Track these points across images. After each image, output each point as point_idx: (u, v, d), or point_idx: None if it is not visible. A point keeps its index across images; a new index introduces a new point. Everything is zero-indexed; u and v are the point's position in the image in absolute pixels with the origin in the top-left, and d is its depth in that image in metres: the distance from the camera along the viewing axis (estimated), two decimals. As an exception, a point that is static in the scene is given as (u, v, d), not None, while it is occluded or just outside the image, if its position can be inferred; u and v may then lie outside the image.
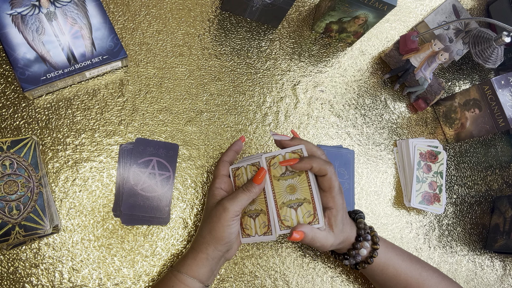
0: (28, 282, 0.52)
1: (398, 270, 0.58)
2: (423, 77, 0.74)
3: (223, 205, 0.51)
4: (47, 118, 0.58)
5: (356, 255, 0.57)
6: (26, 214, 0.50)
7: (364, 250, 0.56)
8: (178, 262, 0.53)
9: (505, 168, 0.84)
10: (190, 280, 0.51)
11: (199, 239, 0.53)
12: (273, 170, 0.50)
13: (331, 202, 0.52)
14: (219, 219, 0.51)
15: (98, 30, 0.59)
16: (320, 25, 0.74)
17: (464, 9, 0.86)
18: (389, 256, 0.59)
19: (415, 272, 0.59)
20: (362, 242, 0.57)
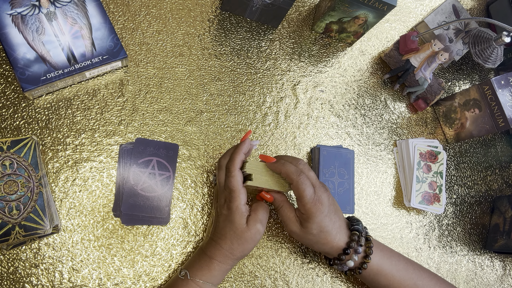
0: (28, 282, 0.52)
1: (390, 279, 0.58)
2: (423, 77, 0.74)
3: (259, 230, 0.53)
4: (47, 118, 0.58)
5: (343, 265, 0.57)
6: (26, 214, 0.50)
7: (351, 262, 0.56)
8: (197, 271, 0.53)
9: (505, 168, 0.84)
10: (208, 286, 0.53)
11: (225, 253, 0.53)
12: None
13: (302, 209, 0.54)
14: (254, 241, 0.53)
15: (98, 30, 0.59)
16: (320, 25, 0.74)
17: (464, 9, 0.86)
18: (383, 265, 0.58)
19: (410, 282, 0.58)
20: (349, 255, 0.56)
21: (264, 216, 0.55)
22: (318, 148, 0.68)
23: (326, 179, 0.66)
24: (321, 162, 0.67)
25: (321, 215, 0.53)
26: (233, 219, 0.53)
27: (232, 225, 0.53)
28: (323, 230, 0.54)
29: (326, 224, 0.54)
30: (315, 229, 0.54)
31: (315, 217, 0.53)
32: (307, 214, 0.53)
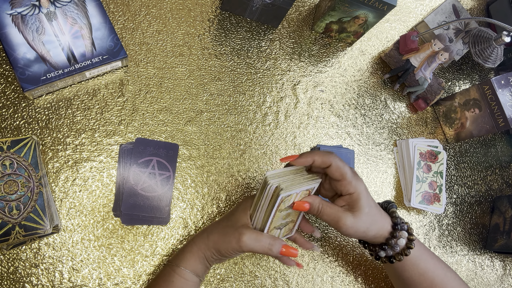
0: (28, 282, 0.52)
1: (427, 266, 0.56)
2: (423, 77, 0.74)
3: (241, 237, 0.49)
4: (47, 118, 0.58)
5: (395, 245, 0.54)
6: (26, 214, 0.50)
7: (403, 240, 0.54)
8: (176, 256, 0.53)
9: (505, 168, 0.84)
10: (189, 274, 0.51)
11: (204, 238, 0.53)
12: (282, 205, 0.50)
13: (350, 188, 0.50)
14: (230, 243, 0.50)
15: (98, 30, 0.59)
16: (320, 25, 0.74)
17: (464, 9, 0.86)
18: (422, 251, 0.56)
19: (441, 271, 0.56)
20: (400, 231, 0.54)
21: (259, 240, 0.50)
22: (318, 148, 0.68)
23: (326, 179, 0.66)
24: (321, 162, 0.67)
25: (365, 189, 0.52)
26: (234, 212, 0.54)
27: (230, 216, 0.54)
28: (372, 205, 0.52)
29: (371, 199, 0.53)
30: (367, 206, 0.51)
31: (362, 192, 0.51)
32: (356, 191, 0.50)
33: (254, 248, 0.50)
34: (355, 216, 0.51)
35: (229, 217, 0.54)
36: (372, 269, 0.68)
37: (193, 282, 0.52)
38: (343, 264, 0.67)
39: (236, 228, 0.51)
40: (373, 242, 0.56)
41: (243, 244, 0.49)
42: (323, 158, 0.50)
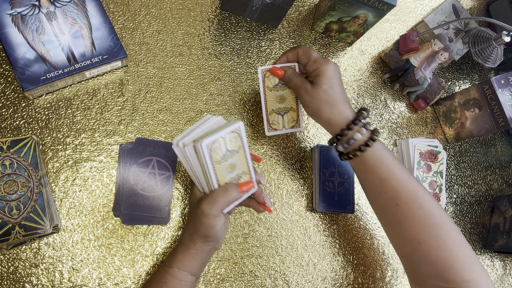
0: (28, 282, 0.52)
1: (390, 174, 0.53)
2: (423, 77, 0.74)
3: (201, 209, 0.49)
4: (47, 118, 0.58)
5: (350, 139, 0.54)
6: (26, 214, 0.50)
7: (359, 135, 0.53)
8: (168, 257, 0.53)
9: (505, 167, 0.84)
10: (183, 274, 0.51)
11: (186, 235, 0.52)
12: (267, 81, 0.60)
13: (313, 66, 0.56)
14: (201, 222, 0.49)
15: (98, 30, 0.59)
16: (320, 24, 0.74)
17: (464, 9, 0.86)
18: (386, 155, 0.54)
19: (410, 187, 0.53)
20: (357, 126, 0.54)
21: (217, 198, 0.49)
22: (318, 147, 0.68)
23: (326, 178, 0.66)
24: (321, 161, 0.67)
25: (331, 69, 0.54)
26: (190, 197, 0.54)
27: (189, 204, 0.54)
28: (332, 86, 0.54)
29: (336, 83, 0.55)
30: (326, 84, 0.54)
31: (325, 70, 0.54)
32: (318, 67, 0.55)
33: (219, 207, 0.49)
34: (313, 87, 0.55)
35: (189, 204, 0.54)
36: (372, 269, 0.68)
37: (187, 282, 0.51)
38: (343, 264, 0.67)
39: (195, 207, 0.50)
40: (329, 131, 0.57)
41: (206, 212, 0.48)
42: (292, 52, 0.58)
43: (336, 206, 0.66)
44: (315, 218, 0.67)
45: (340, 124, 0.55)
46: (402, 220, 0.53)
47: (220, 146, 0.48)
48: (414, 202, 0.52)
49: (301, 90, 0.56)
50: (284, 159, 0.68)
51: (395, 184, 0.53)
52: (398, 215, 0.53)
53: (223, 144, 0.49)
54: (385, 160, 0.54)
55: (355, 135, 0.54)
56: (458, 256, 0.50)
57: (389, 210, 0.54)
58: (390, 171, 0.53)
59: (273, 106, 0.61)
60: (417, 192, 0.52)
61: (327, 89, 0.54)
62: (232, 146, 0.50)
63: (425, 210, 0.52)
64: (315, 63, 0.55)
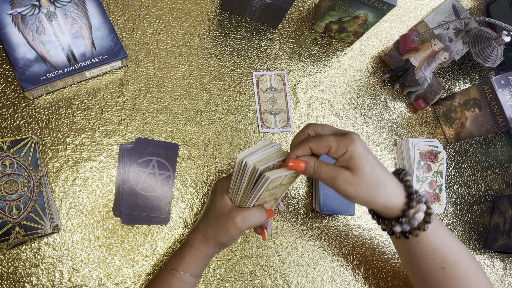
0: (28, 281, 0.52)
1: (441, 243, 0.51)
2: (423, 77, 0.74)
3: (235, 221, 0.50)
4: (47, 118, 0.58)
5: (412, 219, 0.48)
6: (26, 214, 0.50)
7: (421, 214, 0.48)
8: (174, 260, 0.53)
9: (505, 167, 0.84)
10: (188, 277, 0.51)
11: (200, 238, 0.52)
12: (260, 84, 0.68)
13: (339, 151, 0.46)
14: (228, 231, 0.51)
15: (98, 30, 0.59)
16: (320, 24, 0.74)
17: (464, 9, 0.86)
18: (437, 226, 0.51)
19: (455, 248, 0.52)
20: (418, 203, 0.48)
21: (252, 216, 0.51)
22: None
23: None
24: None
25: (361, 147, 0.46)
26: (215, 202, 0.54)
27: (213, 205, 0.54)
28: (374, 165, 0.46)
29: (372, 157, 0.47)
30: (366, 165, 0.45)
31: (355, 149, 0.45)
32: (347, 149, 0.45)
33: (250, 224, 0.51)
34: (353, 173, 0.46)
35: (212, 207, 0.54)
36: (372, 269, 0.68)
37: (191, 284, 0.52)
38: (343, 264, 0.67)
39: (226, 215, 0.51)
40: (386, 214, 0.49)
41: (239, 225, 0.50)
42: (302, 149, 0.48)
43: (337, 209, 0.66)
44: (315, 218, 0.67)
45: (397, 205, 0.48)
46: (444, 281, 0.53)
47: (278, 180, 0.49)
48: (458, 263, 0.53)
49: (339, 182, 0.46)
50: (284, 159, 0.68)
51: (445, 251, 0.52)
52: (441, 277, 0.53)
53: (281, 179, 0.49)
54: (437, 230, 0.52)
55: (417, 215, 0.48)
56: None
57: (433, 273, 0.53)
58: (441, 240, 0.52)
59: (266, 106, 0.68)
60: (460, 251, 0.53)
61: (371, 171, 0.46)
62: (286, 181, 0.52)
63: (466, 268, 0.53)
64: (339, 148, 0.46)
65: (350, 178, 0.46)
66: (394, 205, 0.48)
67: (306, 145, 0.48)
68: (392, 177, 0.48)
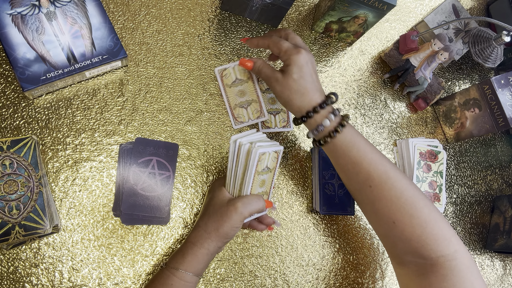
0: (28, 281, 0.52)
1: (362, 158, 0.54)
2: (423, 77, 0.74)
3: (236, 207, 0.52)
4: (47, 118, 0.58)
5: (319, 126, 0.54)
6: (26, 214, 0.50)
7: (327, 121, 0.54)
8: (175, 259, 0.52)
9: (505, 167, 0.84)
10: (190, 276, 0.51)
11: (202, 233, 0.53)
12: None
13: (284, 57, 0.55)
14: (230, 219, 0.51)
15: (98, 30, 0.59)
16: (320, 24, 0.74)
17: (464, 9, 0.86)
18: (357, 140, 0.55)
19: (381, 167, 0.54)
20: (325, 110, 0.54)
21: (252, 201, 0.53)
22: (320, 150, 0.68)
23: (326, 181, 0.66)
24: (320, 164, 0.67)
25: (302, 59, 0.54)
26: (212, 196, 0.55)
27: (211, 200, 0.55)
28: (303, 76, 0.54)
29: (307, 73, 0.55)
30: (296, 73, 0.54)
31: (296, 60, 0.54)
32: (289, 57, 0.54)
33: (251, 210, 0.52)
34: (283, 77, 0.55)
35: (210, 203, 0.55)
36: (372, 269, 0.68)
37: (192, 283, 0.52)
38: (343, 264, 0.67)
39: (227, 205, 0.53)
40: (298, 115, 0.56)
41: (240, 210, 0.52)
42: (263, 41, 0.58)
43: (337, 209, 0.66)
44: (315, 218, 0.67)
45: (306, 108, 0.55)
46: (375, 201, 0.54)
47: (265, 160, 0.53)
48: (385, 183, 0.53)
49: (272, 80, 0.57)
50: (284, 159, 0.68)
51: (367, 167, 0.54)
52: (371, 197, 0.54)
53: (267, 160, 0.53)
54: (356, 144, 0.55)
55: (323, 121, 0.54)
56: (432, 233, 0.51)
57: (363, 192, 0.55)
58: (361, 154, 0.54)
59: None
60: (388, 173, 0.53)
61: (297, 79, 0.54)
62: (270, 164, 0.55)
63: (397, 189, 0.53)
64: (285, 53, 0.55)
65: (280, 80, 0.56)
66: (304, 107, 0.55)
67: (267, 39, 0.58)
68: (317, 90, 0.55)
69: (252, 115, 0.67)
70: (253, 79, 0.66)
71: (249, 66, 0.60)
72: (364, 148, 0.55)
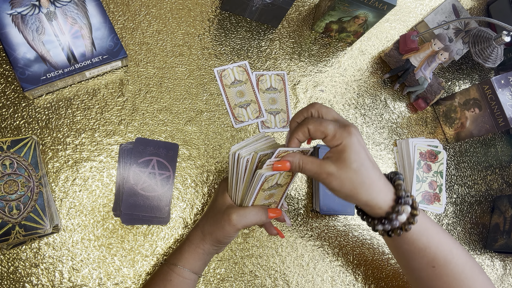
0: (28, 281, 0.52)
1: (430, 242, 0.50)
2: (423, 77, 0.74)
3: (230, 218, 0.50)
4: (47, 118, 0.58)
5: (395, 220, 0.48)
6: (26, 214, 0.50)
7: (404, 216, 0.48)
8: (174, 255, 0.53)
9: (505, 167, 0.84)
10: (188, 273, 0.51)
11: (198, 234, 0.53)
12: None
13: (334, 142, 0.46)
14: (223, 228, 0.51)
15: (98, 30, 0.59)
16: (320, 24, 0.74)
17: (464, 9, 0.86)
18: (426, 226, 0.51)
19: (446, 247, 0.51)
20: (403, 206, 0.47)
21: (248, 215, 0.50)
22: (318, 147, 0.68)
23: (326, 178, 0.66)
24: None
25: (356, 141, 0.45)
26: (215, 198, 0.55)
27: (213, 203, 0.55)
28: (363, 163, 0.45)
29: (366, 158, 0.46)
30: (355, 161, 0.45)
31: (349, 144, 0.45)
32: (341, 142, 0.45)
33: (246, 223, 0.50)
34: (338, 167, 0.45)
35: (212, 205, 0.55)
36: (373, 269, 0.68)
37: (191, 280, 0.52)
38: (343, 264, 0.67)
39: (223, 212, 0.51)
40: (372, 213, 0.49)
41: (234, 223, 0.50)
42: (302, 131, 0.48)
43: (337, 209, 0.66)
44: (315, 218, 0.67)
45: (382, 206, 0.48)
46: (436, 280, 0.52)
47: (274, 179, 0.49)
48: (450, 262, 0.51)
49: (323, 176, 0.46)
50: (284, 159, 0.68)
51: (434, 250, 0.51)
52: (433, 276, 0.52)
53: (277, 178, 0.50)
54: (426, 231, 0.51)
55: (400, 217, 0.48)
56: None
57: (424, 272, 0.52)
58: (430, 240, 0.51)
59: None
60: (453, 251, 0.52)
61: (358, 168, 0.45)
62: (282, 181, 0.51)
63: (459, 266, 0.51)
64: (334, 138, 0.46)
65: (335, 174, 0.46)
66: (376, 204, 0.47)
67: (305, 126, 0.47)
68: (381, 178, 0.48)
69: (252, 114, 0.67)
70: (251, 80, 0.67)
71: (287, 167, 0.47)
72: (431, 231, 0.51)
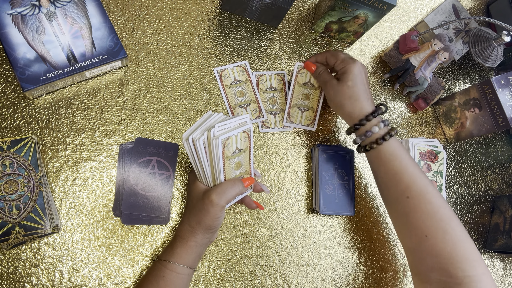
0: (28, 281, 0.52)
1: (403, 168, 0.56)
2: (423, 77, 0.74)
3: (210, 199, 0.50)
4: (47, 118, 0.58)
5: (367, 131, 0.58)
6: (26, 214, 0.50)
7: (376, 128, 0.58)
8: (165, 252, 0.53)
9: (505, 167, 0.84)
10: (181, 268, 0.52)
11: (187, 228, 0.53)
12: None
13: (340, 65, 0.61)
14: (208, 212, 0.51)
15: (98, 30, 0.59)
16: (320, 24, 0.74)
17: (464, 9, 0.86)
18: (400, 151, 0.57)
19: (420, 181, 0.56)
20: (375, 119, 0.58)
21: (226, 189, 0.51)
22: (318, 147, 0.68)
23: (326, 181, 0.66)
24: (320, 164, 0.67)
25: (357, 68, 0.59)
26: (189, 191, 0.55)
27: (189, 195, 0.55)
28: (357, 84, 0.59)
29: (361, 81, 0.59)
30: (351, 80, 0.59)
31: (351, 68, 0.59)
32: (345, 65, 0.60)
33: (227, 198, 0.51)
34: (339, 83, 0.60)
35: (188, 198, 0.56)
36: (373, 269, 0.68)
37: (185, 275, 0.52)
38: (343, 264, 0.67)
39: (202, 198, 0.52)
40: (350, 122, 0.60)
41: (216, 202, 0.50)
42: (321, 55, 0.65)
43: (337, 209, 0.66)
44: (315, 218, 0.67)
45: (359, 117, 0.59)
46: (411, 213, 0.55)
47: (232, 143, 0.51)
48: (424, 197, 0.55)
49: (328, 85, 0.62)
50: (285, 159, 0.68)
51: (407, 178, 0.56)
52: (407, 208, 0.56)
53: (235, 142, 0.51)
54: (400, 155, 0.57)
55: (373, 128, 0.58)
56: (462, 252, 0.52)
57: (400, 202, 0.56)
58: (403, 165, 0.57)
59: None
60: (428, 187, 0.55)
61: (352, 85, 0.59)
62: (241, 145, 0.53)
63: (434, 204, 0.54)
64: (342, 62, 0.61)
65: (335, 85, 0.61)
66: (356, 116, 0.59)
67: (324, 53, 0.65)
68: (368, 100, 0.59)
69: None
70: (251, 80, 0.67)
71: (313, 69, 0.66)
72: (406, 161, 0.57)
